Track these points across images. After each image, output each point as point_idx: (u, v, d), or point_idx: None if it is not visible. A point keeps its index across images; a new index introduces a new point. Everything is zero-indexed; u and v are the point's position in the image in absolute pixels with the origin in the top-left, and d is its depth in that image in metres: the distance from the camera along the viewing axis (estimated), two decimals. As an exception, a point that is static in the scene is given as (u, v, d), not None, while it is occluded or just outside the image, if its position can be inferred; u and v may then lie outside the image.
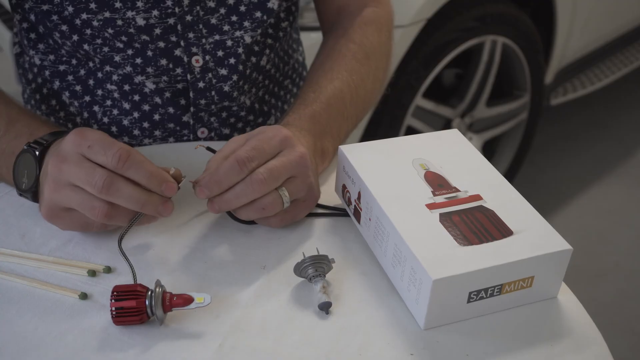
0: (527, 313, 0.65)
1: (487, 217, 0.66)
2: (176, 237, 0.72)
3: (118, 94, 0.88)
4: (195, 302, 0.61)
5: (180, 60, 0.86)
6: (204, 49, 0.86)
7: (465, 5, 1.86)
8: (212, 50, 0.87)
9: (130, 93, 0.88)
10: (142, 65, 0.86)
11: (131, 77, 0.87)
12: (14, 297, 0.65)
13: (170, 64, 0.86)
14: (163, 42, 0.84)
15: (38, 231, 0.72)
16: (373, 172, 0.71)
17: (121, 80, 0.87)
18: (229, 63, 0.89)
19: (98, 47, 0.84)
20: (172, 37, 0.84)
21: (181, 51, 0.86)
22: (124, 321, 0.61)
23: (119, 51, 0.85)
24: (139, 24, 0.82)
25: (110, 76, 0.87)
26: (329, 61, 0.87)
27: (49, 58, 0.89)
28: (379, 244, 0.68)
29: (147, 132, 0.91)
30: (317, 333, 0.62)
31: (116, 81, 0.88)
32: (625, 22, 2.63)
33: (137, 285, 0.62)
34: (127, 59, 0.85)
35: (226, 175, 0.67)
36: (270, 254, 0.71)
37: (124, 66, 0.86)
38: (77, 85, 0.90)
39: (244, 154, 0.67)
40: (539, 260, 0.63)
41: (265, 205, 0.69)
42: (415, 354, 0.61)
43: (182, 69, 0.87)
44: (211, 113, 0.91)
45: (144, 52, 0.85)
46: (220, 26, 0.86)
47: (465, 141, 0.78)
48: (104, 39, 0.84)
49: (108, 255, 0.69)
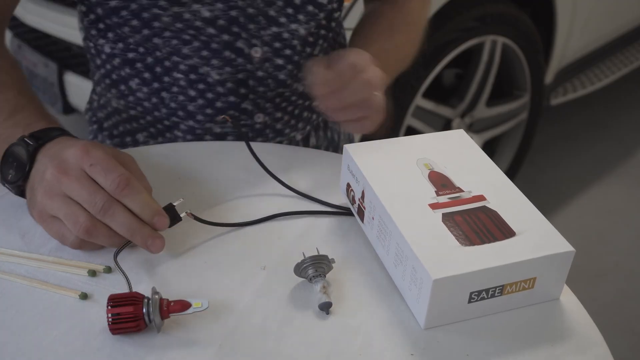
0: (527, 314, 0.65)
1: (489, 218, 0.66)
2: (175, 238, 0.72)
3: (184, 82, 0.92)
4: (192, 307, 0.61)
5: (241, 52, 0.90)
6: (262, 40, 0.90)
7: (465, 5, 1.86)
8: (270, 42, 0.91)
9: (196, 82, 0.92)
10: (208, 57, 0.89)
11: (197, 68, 0.90)
12: (14, 297, 0.65)
13: (232, 55, 0.90)
14: (227, 35, 0.88)
15: (38, 231, 0.72)
16: (377, 171, 0.71)
17: (188, 70, 0.90)
18: (285, 54, 0.93)
19: (167, 40, 0.88)
20: (234, 28, 0.88)
21: (243, 43, 0.89)
22: (122, 328, 0.60)
23: (186, 43, 0.88)
24: (204, 16, 0.86)
25: (178, 65, 0.90)
26: (375, 24, 0.98)
27: (118, 46, 0.92)
28: (382, 243, 0.68)
29: (210, 117, 0.94)
30: (317, 333, 0.62)
31: (183, 70, 0.91)
32: (625, 22, 2.63)
33: (134, 292, 0.61)
34: (194, 51, 0.89)
35: (342, 74, 0.76)
36: (270, 254, 0.71)
37: (191, 57, 0.89)
38: (146, 72, 0.92)
39: (352, 60, 0.77)
40: (541, 261, 0.63)
41: (373, 105, 0.78)
42: (415, 354, 0.60)
43: (243, 59, 0.90)
44: (267, 99, 0.95)
45: (209, 44, 0.88)
46: (278, 18, 0.90)
47: (470, 142, 0.78)
48: (172, 32, 0.87)
49: (108, 255, 0.69)
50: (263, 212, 0.76)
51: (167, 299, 0.61)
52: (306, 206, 0.78)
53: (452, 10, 1.82)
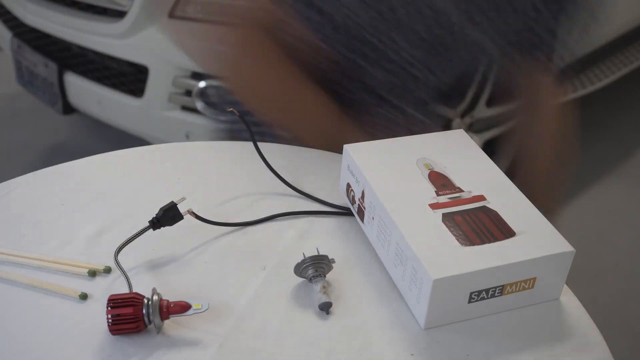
0: (527, 314, 0.65)
1: (489, 218, 0.66)
2: (175, 238, 0.72)
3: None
4: (193, 309, 0.61)
5: None
6: None
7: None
8: None
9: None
10: None
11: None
12: (14, 298, 0.65)
13: None
14: None
15: (38, 231, 0.72)
16: (377, 171, 0.71)
17: None
18: None
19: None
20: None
21: None
22: (121, 329, 0.60)
23: None
24: None
25: None
26: None
27: None
28: (382, 243, 0.68)
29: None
30: (317, 333, 0.62)
31: None
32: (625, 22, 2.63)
33: (134, 293, 0.61)
34: None
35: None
36: (270, 254, 0.71)
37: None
38: None
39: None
40: (541, 261, 0.63)
41: None
42: (415, 354, 0.60)
43: None
44: None
45: None
46: None
47: (470, 141, 0.78)
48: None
49: (108, 255, 0.69)
50: (263, 212, 0.76)
51: (167, 300, 0.61)
52: (306, 206, 0.78)
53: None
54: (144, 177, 0.81)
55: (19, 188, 0.79)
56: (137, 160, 0.85)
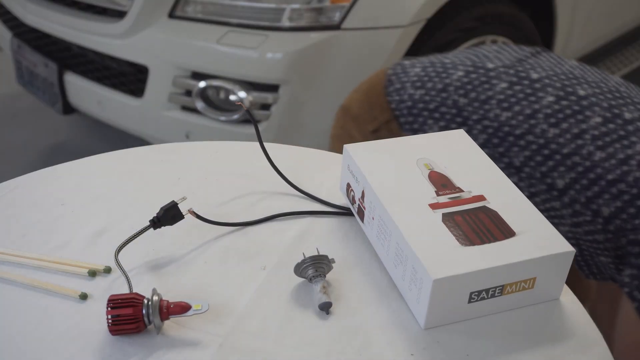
0: (527, 313, 0.65)
1: (489, 218, 0.66)
2: (176, 237, 0.72)
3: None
4: (192, 310, 0.61)
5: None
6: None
7: (465, 5, 1.86)
8: None
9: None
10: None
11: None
12: (14, 297, 0.65)
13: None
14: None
15: (38, 231, 0.72)
16: (377, 171, 0.71)
17: None
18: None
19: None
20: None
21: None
22: (121, 329, 0.60)
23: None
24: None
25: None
26: None
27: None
28: (382, 243, 0.68)
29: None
30: (317, 333, 0.62)
31: None
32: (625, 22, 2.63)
33: (133, 294, 0.61)
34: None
35: None
36: (270, 254, 0.71)
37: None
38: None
39: None
40: (541, 261, 0.63)
41: None
42: (415, 354, 0.60)
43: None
44: None
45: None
46: None
47: (470, 141, 0.77)
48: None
49: (108, 255, 0.69)
50: (263, 212, 0.76)
51: (167, 301, 0.61)
52: (306, 206, 0.78)
53: (452, 10, 1.82)
54: (144, 177, 0.81)
55: (19, 188, 0.79)
56: (137, 160, 0.85)
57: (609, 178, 0.93)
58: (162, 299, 0.61)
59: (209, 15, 1.70)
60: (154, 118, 1.82)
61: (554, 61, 1.08)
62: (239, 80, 1.68)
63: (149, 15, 1.73)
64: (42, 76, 1.98)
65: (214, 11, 1.70)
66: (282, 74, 1.64)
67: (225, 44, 1.66)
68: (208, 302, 0.61)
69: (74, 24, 1.84)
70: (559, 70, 1.04)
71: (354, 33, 1.67)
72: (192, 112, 1.77)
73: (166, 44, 1.73)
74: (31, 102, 2.47)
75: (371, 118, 1.14)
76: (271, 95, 1.67)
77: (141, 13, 1.73)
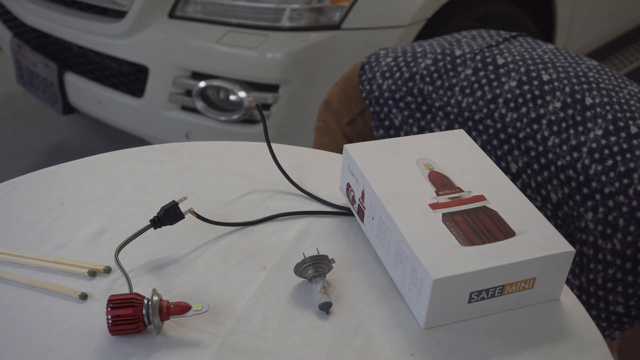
0: (527, 313, 0.65)
1: (489, 218, 0.66)
2: (176, 237, 0.72)
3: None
4: (192, 310, 0.61)
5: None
6: None
7: (465, 5, 1.86)
8: None
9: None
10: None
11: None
12: (14, 297, 0.65)
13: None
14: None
15: (38, 231, 0.72)
16: (377, 171, 0.71)
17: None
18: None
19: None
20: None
21: None
22: (121, 330, 0.60)
23: None
24: None
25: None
26: None
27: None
28: (382, 243, 0.68)
29: None
30: (317, 333, 0.62)
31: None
32: (625, 22, 2.63)
33: (133, 294, 0.61)
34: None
35: None
36: (270, 254, 0.71)
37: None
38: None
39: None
40: (541, 261, 0.63)
41: None
42: (415, 354, 0.60)
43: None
44: None
45: None
46: None
47: (470, 141, 0.77)
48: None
49: (108, 255, 0.69)
50: (263, 212, 0.76)
51: (167, 301, 0.61)
52: (306, 206, 0.78)
53: (452, 10, 1.82)
54: (144, 177, 0.81)
55: (19, 188, 0.79)
56: (137, 160, 0.85)
57: (559, 164, 0.93)
58: (162, 299, 0.61)
59: (209, 15, 1.70)
60: (154, 118, 1.82)
61: (527, 46, 1.07)
62: (239, 80, 1.68)
63: (149, 15, 1.73)
64: (42, 76, 1.98)
65: (214, 11, 1.70)
66: (282, 74, 1.64)
67: (225, 44, 1.66)
68: (208, 302, 0.61)
69: (74, 24, 1.84)
70: (528, 56, 1.02)
71: (353, 33, 1.67)
72: (192, 112, 1.77)
73: (166, 44, 1.73)
74: (31, 102, 2.47)
75: (347, 110, 1.15)
76: (271, 95, 1.67)
77: (141, 13, 1.73)
